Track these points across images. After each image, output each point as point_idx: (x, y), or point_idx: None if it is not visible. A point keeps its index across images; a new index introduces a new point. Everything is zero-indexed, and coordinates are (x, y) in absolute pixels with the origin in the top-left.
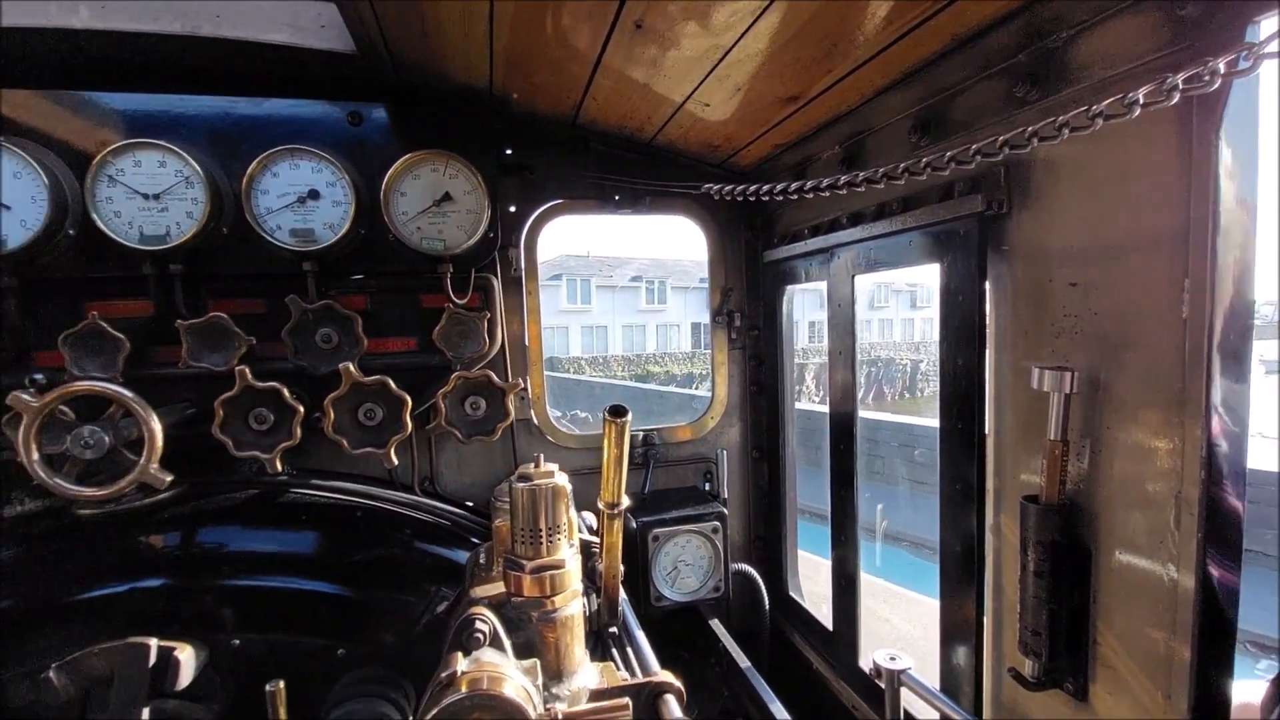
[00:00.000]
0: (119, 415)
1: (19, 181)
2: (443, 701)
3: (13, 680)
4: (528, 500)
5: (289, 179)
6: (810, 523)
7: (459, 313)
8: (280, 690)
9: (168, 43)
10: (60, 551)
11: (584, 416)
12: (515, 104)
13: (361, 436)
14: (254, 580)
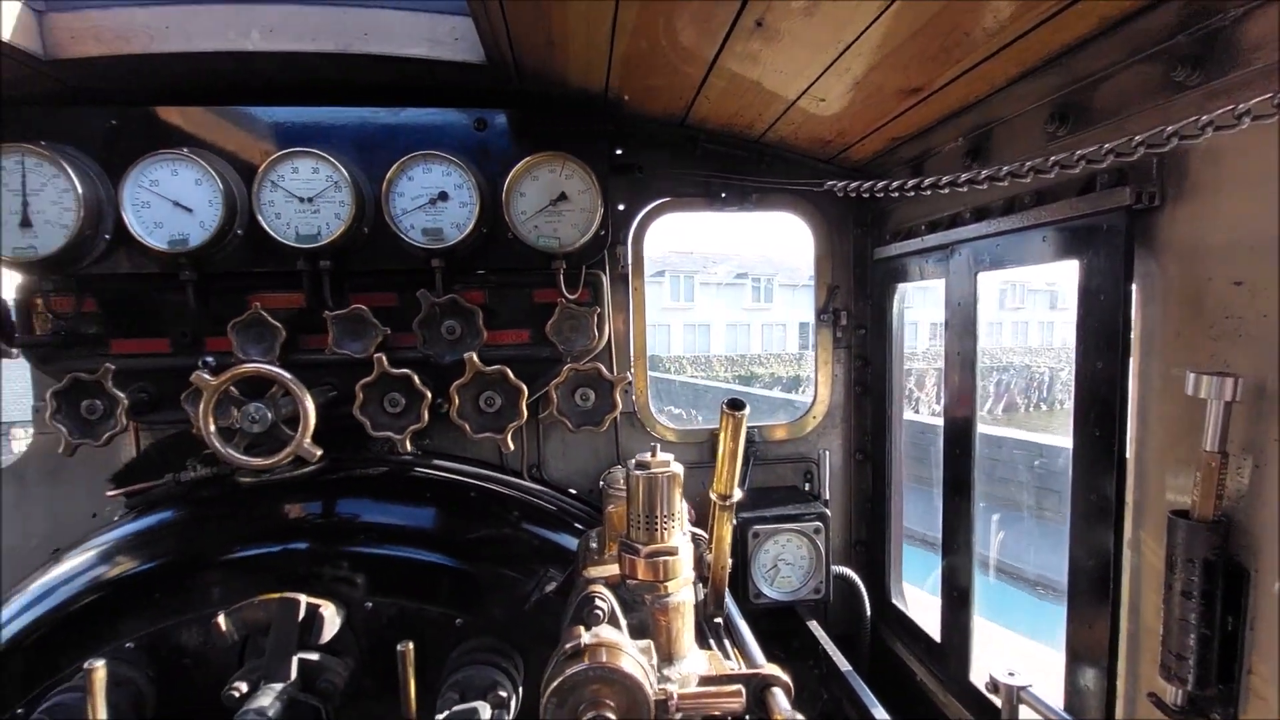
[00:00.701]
0: (279, 394)
1: (199, 188)
2: (566, 671)
3: (184, 624)
4: (645, 487)
5: (422, 182)
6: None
7: (570, 307)
8: (410, 650)
9: (322, 60)
10: (223, 513)
11: (678, 413)
12: (627, 106)
13: (481, 421)
14: (384, 549)
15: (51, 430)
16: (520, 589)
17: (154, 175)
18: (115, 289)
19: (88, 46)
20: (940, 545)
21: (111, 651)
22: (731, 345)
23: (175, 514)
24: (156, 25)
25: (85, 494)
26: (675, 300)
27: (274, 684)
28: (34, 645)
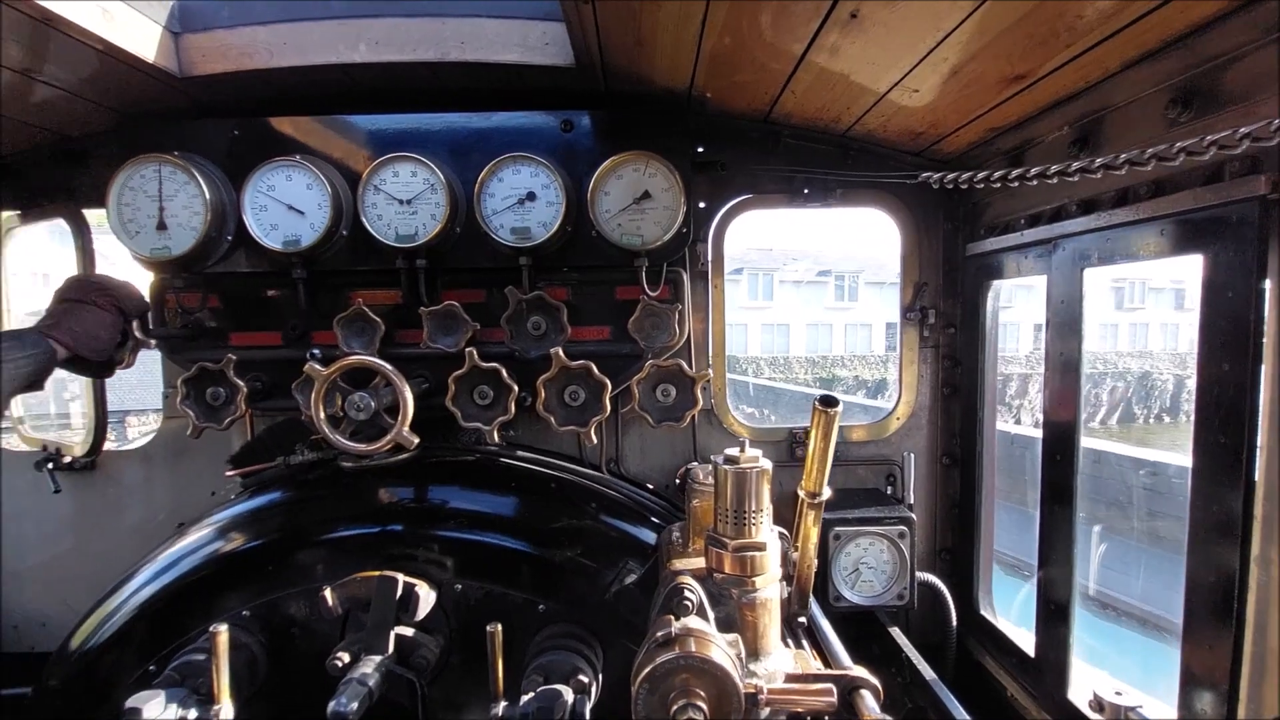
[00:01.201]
0: (381, 385)
1: (310, 192)
2: (657, 659)
3: (292, 596)
4: (734, 482)
5: (511, 183)
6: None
7: (652, 304)
8: (498, 632)
9: (421, 69)
10: (327, 495)
11: (750, 412)
12: (710, 103)
13: (566, 415)
14: (472, 534)
15: (179, 415)
16: (600, 579)
17: (271, 181)
18: (235, 286)
19: (216, 64)
20: (1020, 565)
21: (230, 618)
22: (812, 346)
23: (284, 494)
24: (275, 42)
25: (205, 474)
26: (753, 299)
27: (373, 656)
28: (162, 610)
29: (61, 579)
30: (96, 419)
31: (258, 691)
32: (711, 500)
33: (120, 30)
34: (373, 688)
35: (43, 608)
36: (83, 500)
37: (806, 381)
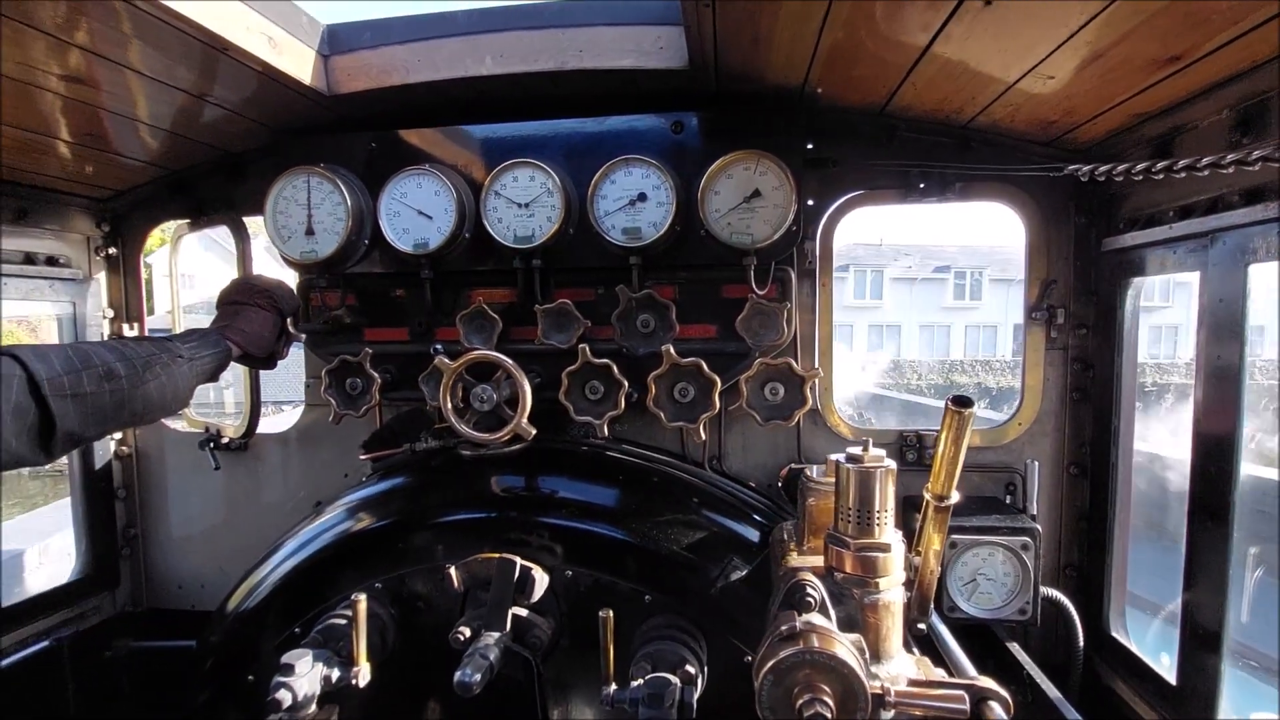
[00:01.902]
0: (502, 378)
1: (437, 198)
2: (781, 653)
3: (417, 573)
4: (856, 480)
5: (623, 185)
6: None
7: (760, 303)
8: (610, 618)
9: (541, 79)
10: (448, 481)
11: (850, 413)
12: (823, 99)
13: (675, 411)
14: (581, 524)
15: (321, 403)
16: (705, 573)
17: (403, 188)
18: (369, 285)
19: (359, 82)
20: (1142, 602)
21: (364, 589)
22: (926, 349)
23: (410, 479)
24: (410, 60)
25: (339, 458)
26: (860, 298)
27: (492, 633)
28: (304, 579)
29: (217, 546)
30: (251, 405)
31: (388, 658)
32: (828, 499)
33: (283, 56)
34: (493, 661)
35: (202, 571)
36: (236, 477)
37: (920, 388)
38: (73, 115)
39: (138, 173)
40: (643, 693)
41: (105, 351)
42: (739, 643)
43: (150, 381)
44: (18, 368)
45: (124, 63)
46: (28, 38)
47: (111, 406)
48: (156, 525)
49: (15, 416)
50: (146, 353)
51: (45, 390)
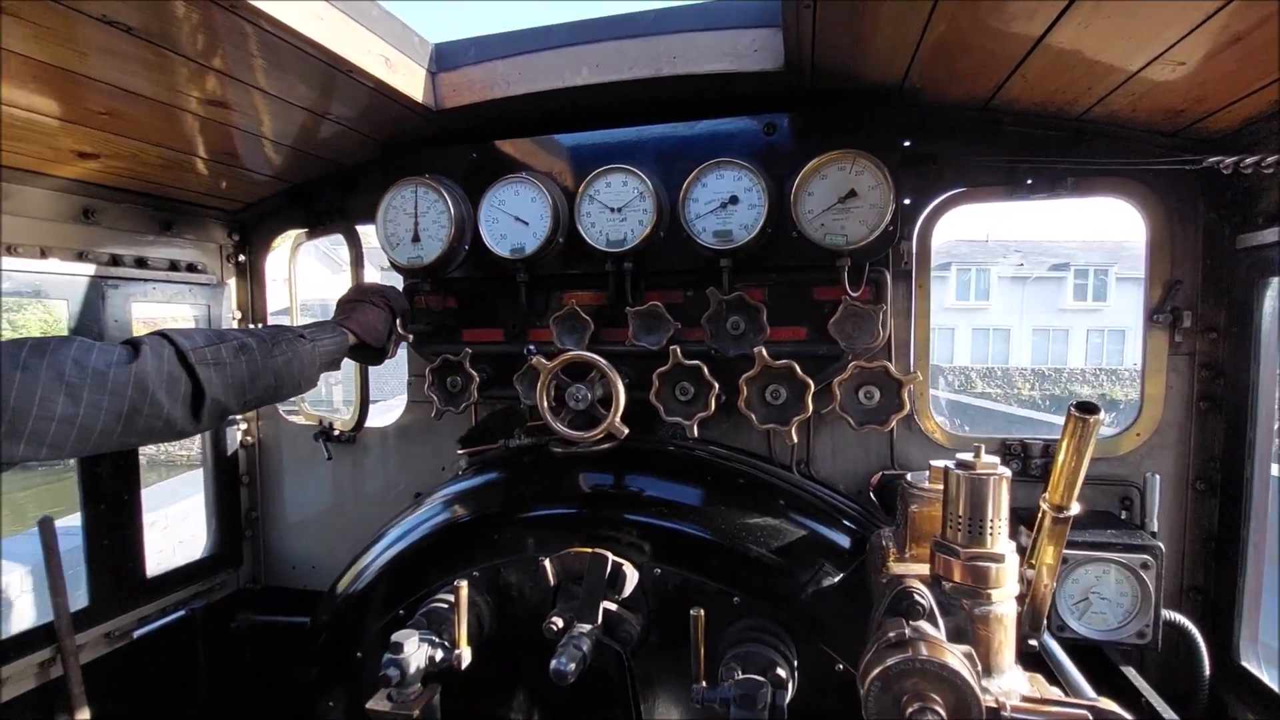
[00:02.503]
0: (596, 378)
1: (533, 205)
2: (888, 660)
3: (510, 563)
4: (967, 488)
5: (714, 188)
6: None
7: (854, 305)
8: (701, 617)
9: (634, 86)
10: (540, 477)
11: (941, 420)
12: (923, 94)
13: (767, 413)
14: (670, 523)
15: (422, 399)
16: (795, 577)
17: (502, 196)
18: (468, 289)
19: (463, 97)
20: None
21: (464, 576)
22: (1041, 356)
23: (504, 474)
24: (511, 74)
25: (436, 452)
26: (963, 299)
27: (584, 625)
28: (407, 565)
29: (326, 530)
30: (361, 400)
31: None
32: (932, 506)
33: (397, 75)
34: (586, 653)
35: (313, 553)
36: (344, 467)
37: (1032, 400)
38: (211, 135)
39: (264, 186)
40: (734, 693)
41: (236, 331)
42: (830, 650)
43: (278, 356)
44: (166, 342)
45: (255, 85)
46: (174, 64)
47: (248, 376)
48: (274, 510)
49: (170, 385)
50: (272, 332)
51: (191, 359)
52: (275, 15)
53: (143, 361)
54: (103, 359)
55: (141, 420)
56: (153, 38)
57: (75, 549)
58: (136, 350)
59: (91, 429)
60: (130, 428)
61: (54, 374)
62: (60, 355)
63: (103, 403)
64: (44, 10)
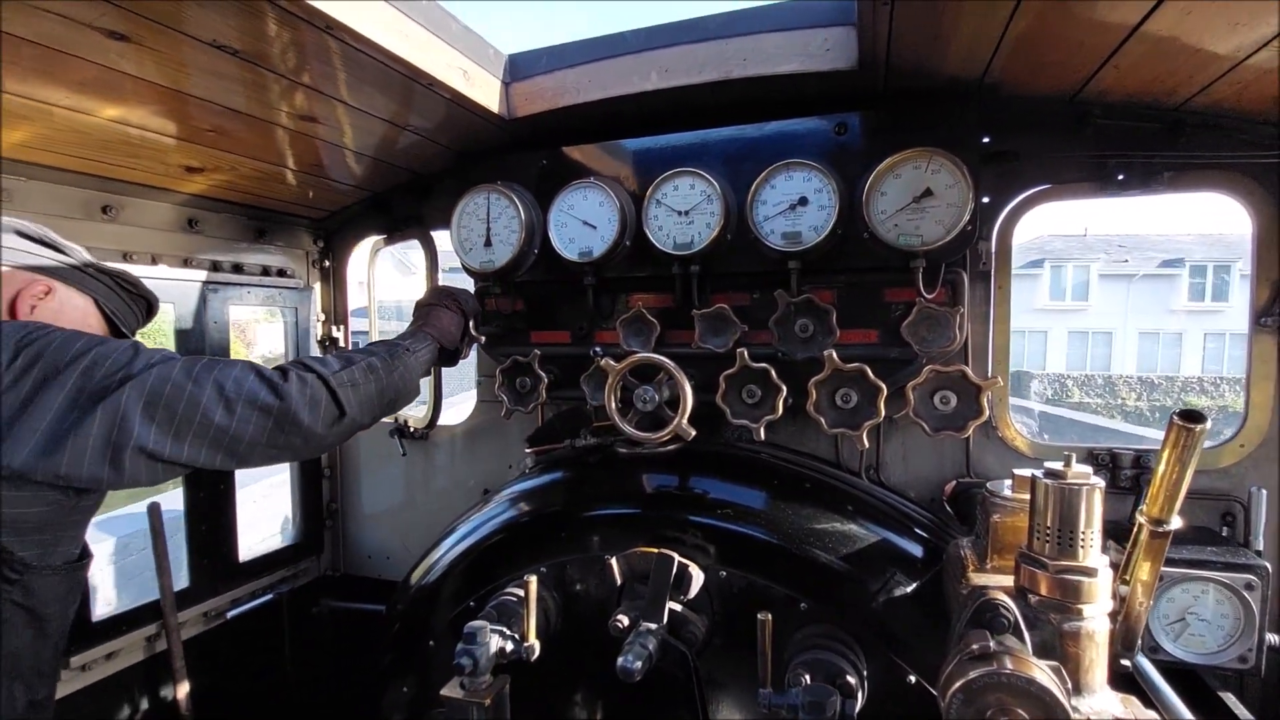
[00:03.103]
0: (664, 380)
1: (601, 209)
2: (971, 673)
3: (575, 561)
4: (1058, 498)
5: (783, 189)
6: None
7: (929, 307)
8: (769, 621)
9: (703, 89)
10: (605, 477)
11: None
12: (1004, 89)
13: (837, 417)
14: (735, 525)
15: (490, 399)
16: (864, 585)
17: (570, 201)
18: (536, 292)
19: (535, 105)
20: None
21: (531, 571)
22: (1148, 362)
23: (570, 473)
24: (581, 81)
25: (504, 450)
26: (1057, 298)
27: (650, 624)
28: (476, 559)
29: (398, 523)
30: (435, 399)
31: (549, 638)
32: (1017, 517)
33: (474, 87)
34: (652, 651)
35: (387, 544)
36: (417, 463)
37: (1138, 412)
38: (300, 147)
39: (346, 195)
40: (803, 699)
41: (358, 353)
42: (900, 661)
43: (396, 371)
44: (309, 370)
45: (341, 99)
46: (269, 81)
47: (376, 393)
48: (352, 502)
49: (312, 406)
50: (386, 348)
51: (332, 383)
52: (366, 34)
53: (290, 385)
54: (258, 380)
55: (283, 437)
56: (253, 58)
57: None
58: (285, 375)
59: (241, 439)
60: (274, 441)
61: (217, 388)
62: (225, 373)
63: (252, 417)
64: (165, 38)
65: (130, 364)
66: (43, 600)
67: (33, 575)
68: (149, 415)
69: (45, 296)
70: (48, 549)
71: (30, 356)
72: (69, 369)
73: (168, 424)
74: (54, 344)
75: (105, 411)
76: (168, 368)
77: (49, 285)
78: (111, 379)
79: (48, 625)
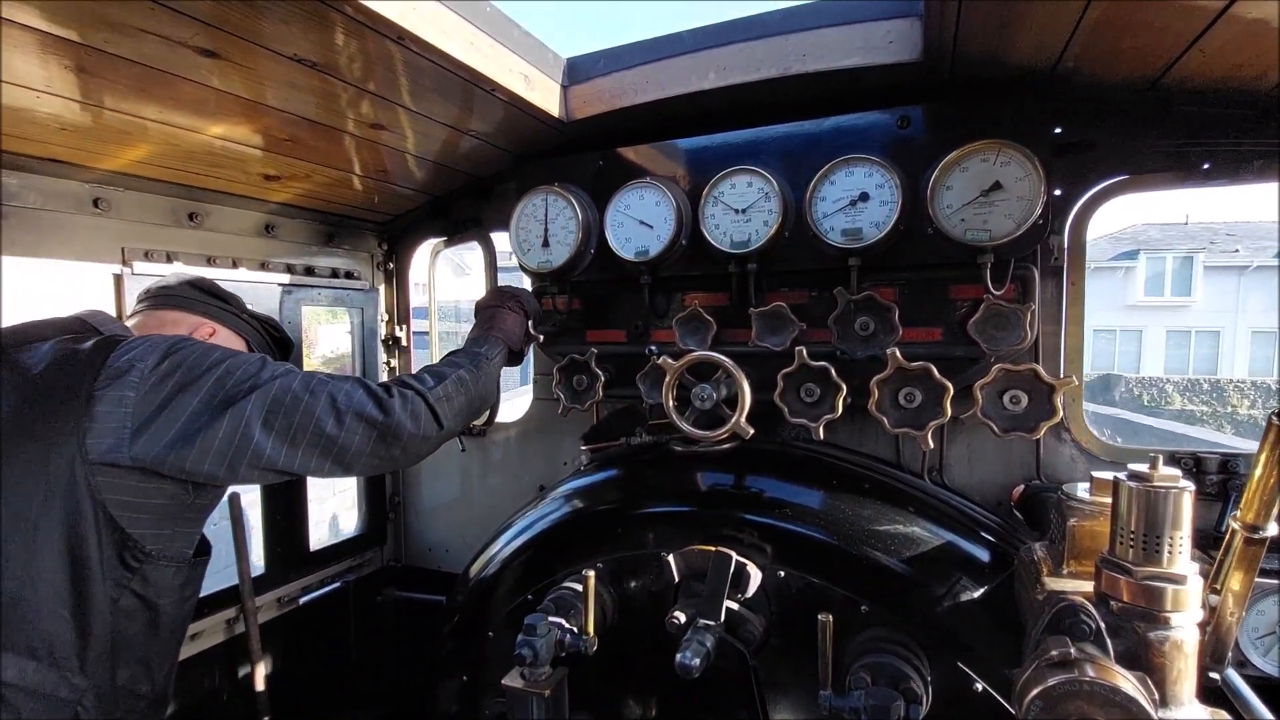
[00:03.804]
0: (722, 378)
1: (658, 208)
2: (1049, 680)
3: (631, 558)
4: (1144, 502)
5: (844, 185)
6: None
7: (997, 304)
8: (830, 623)
9: (760, 87)
10: (660, 474)
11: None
12: (1078, 77)
13: (899, 417)
14: (793, 525)
15: (546, 397)
16: (928, 590)
17: (627, 201)
18: (592, 291)
19: (592, 107)
20: None
21: (588, 566)
22: (1263, 365)
23: (625, 470)
24: (639, 82)
25: (557, 447)
26: (1154, 294)
27: (707, 621)
28: (533, 553)
29: (456, 517)
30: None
31: (605, 632)
32: (1097, 521)
33: (534, 91)
34: (710, 649)
35: (446, 537)
36: (475, 459)
37: (1251, 420)
38: (367, 154)
39: (409, 199)
40: (865, 702)
41: (446, 366)
42: (966, 668)
43: (481, 381)
44: (408, 387)
45: (406, 106)
46: (341, 91)
47: (466, 405)
48: (413, 495)
49: (414, 419)
50: (470, 360)
51: (430, 399)
52: (435, 43)
53: (394, 400)
54: (365, 395)
55: (386, 449)
56: (328, 70)
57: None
58: (389, 391)
59: (348, 449)
60: (377, 452)
61: (329, 401)
62: (337, 387)
63: (359, 429)
64: (252, 54)
65: (258, 375)
66: (157, 590)
67: (150, 565)
68: (268, 424)
69: (210, 336)
70: (165, 542)
71: (174, 362)
72: (205, 375)
73: (284, 432)
74: (195, 353)
75: (232, 417)
76: (288, 379)
77: (214, 328)
78: (240, 388)
79: (160, 617)
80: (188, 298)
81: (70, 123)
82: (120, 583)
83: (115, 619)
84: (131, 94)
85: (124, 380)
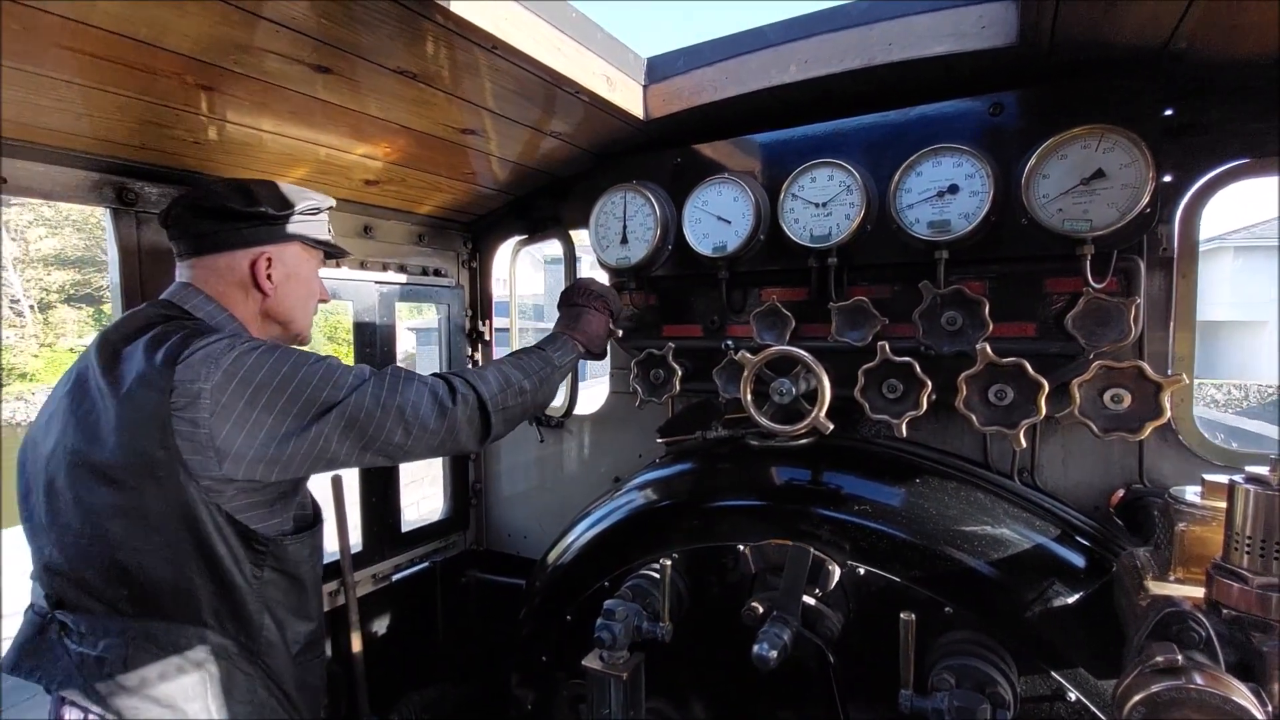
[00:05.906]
0: (802, 373)
1: (736, 204)
2: (1154, 686)
3: (705, 550)
4: (1260, 506)
5: (930, 176)
6: None
7: (1099, 298)
8: (913, 622)
9: (843, 78)
10: (735, 468)
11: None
12: (1190, 55)
13: (990, 414)
14: (873, 523)
15: (623, 390)
16: (1017, 594)
17: (705, 197)
18: (669, 286)
19: (671, 105)
20: None
21: (664, 556)
22: None
23: (701, 463)
24: (718, 79)
25: (632, 439)
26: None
27: (785, 614)
28: (609, 542)
29: (534, 505)
30: (572, 389)
31: (680, 621)
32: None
33: (616, 92)
34: (787, 643)
35: (524, 524)
36: (552, 449)
37: None
38: (456, 158)
39: (492, 199)
40: (949, 704)
41: (515, 371)
42: (1057, 675)
43: (542, 391)
44: (473, 392)
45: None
46: (435, 99)
47: (519, 412)
48: (494, 483)
49: (469, 427)
50: (539, 368)
51: (490, 407)
52: (526, 50)
53: (457, 409)
54: (431, 404)
55: (441, 450)
56: (426, 80)
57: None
58: (454, 394)
59: (411, 453)
60: (432, 452)
61: (399, 414)
62: (406, 399)
63: (424, 438)
64: (362, 69)
65: (335, 390)
66: (291, 563)
67: (274, 545)
68: (344, 437)
69: (270, 266)
70: (280, 526)
71: (242, 381)
72: (277, 393)
73: (357, 441)
74: (262, 369)
75: (314, 437)
76: (363, 393)
77: (267, 254)
78: (317, 404)
79: (300, 581)
80: (217, 232)
81: (201, 137)
82: (258, 564)
83: (263, 590)
84: (251, 109)
85: (196, 404)
